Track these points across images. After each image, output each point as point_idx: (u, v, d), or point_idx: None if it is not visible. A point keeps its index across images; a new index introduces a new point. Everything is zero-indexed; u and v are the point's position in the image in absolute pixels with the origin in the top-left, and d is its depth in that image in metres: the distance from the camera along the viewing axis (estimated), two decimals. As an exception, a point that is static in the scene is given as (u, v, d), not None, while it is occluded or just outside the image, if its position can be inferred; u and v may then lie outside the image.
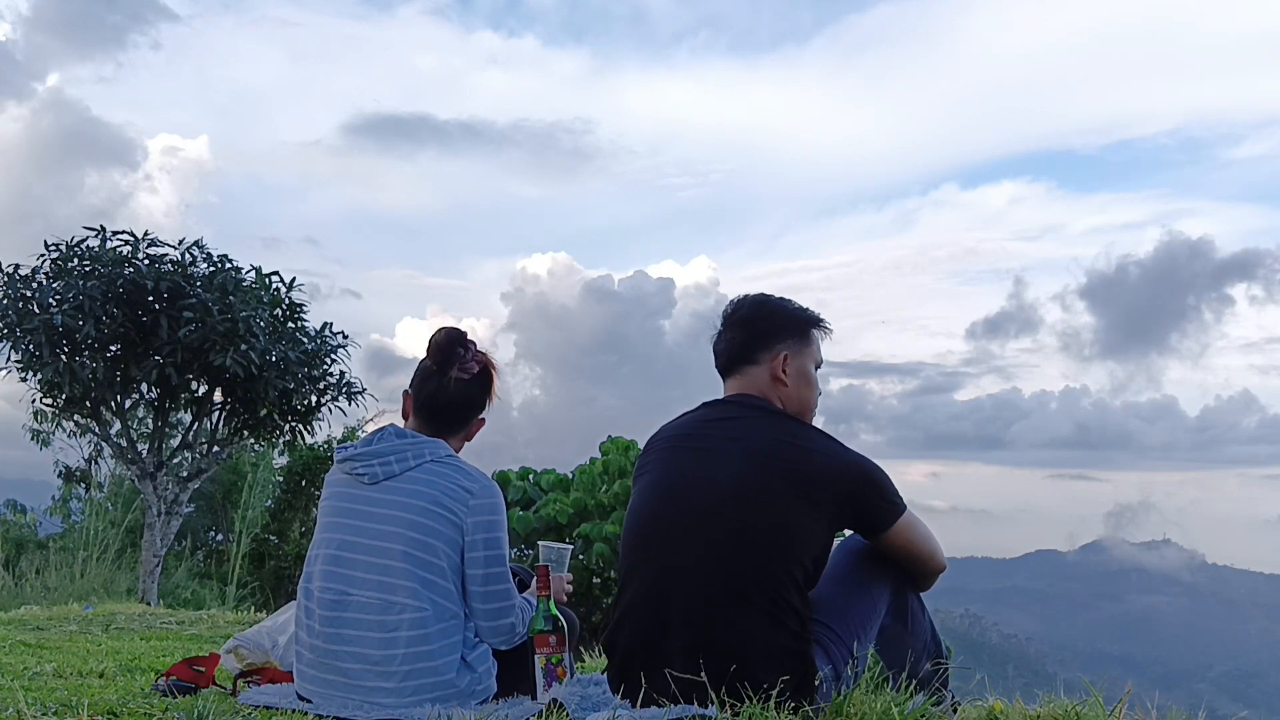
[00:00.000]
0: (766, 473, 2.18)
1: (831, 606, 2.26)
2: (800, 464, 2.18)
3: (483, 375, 2.54)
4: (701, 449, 2.27)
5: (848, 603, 2.27)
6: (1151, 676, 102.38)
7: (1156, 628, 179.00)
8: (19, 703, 2.25)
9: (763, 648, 2.07)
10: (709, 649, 2.06)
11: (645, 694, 2.05)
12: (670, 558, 2.19)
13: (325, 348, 9.12)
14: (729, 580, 2.12)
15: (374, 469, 2.42)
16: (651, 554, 2.23)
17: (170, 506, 9.27)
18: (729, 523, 2.15)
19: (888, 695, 2.02)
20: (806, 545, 2.17)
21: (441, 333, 2.53)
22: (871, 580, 2.31)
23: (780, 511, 2.15)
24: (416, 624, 2.30)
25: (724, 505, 2.17)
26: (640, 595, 2.24)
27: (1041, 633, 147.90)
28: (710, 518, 2.17)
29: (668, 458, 2.33)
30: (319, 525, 2.51)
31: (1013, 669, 59.92)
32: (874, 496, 2.23)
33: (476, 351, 2.53)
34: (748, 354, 2.37)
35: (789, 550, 2.14)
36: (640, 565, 2.26)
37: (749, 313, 2.40)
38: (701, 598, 2.13)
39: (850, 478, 2.21)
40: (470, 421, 2.57)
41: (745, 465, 2.19)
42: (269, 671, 2.79)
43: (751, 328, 2.39)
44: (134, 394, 9.18)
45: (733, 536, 2.14)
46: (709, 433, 2.30)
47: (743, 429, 2.26)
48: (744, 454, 2.21)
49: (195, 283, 8.39)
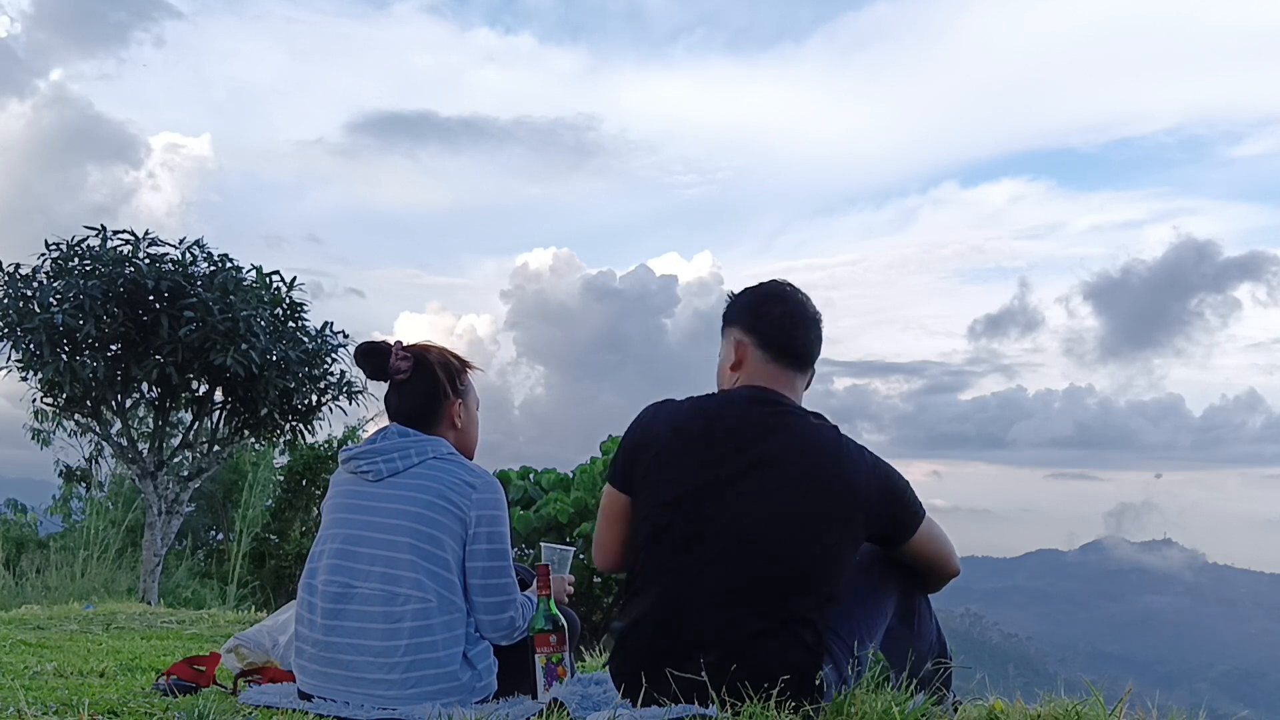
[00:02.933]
0: (808, 497, 2.11)
1: (839, 610, 2.22)
2: (841, 487, 2.12)
3: (419, 368, 2.54)
4: (733, 456, 2.15)
5: (855, 606, 2.24)
6: (1152, 676, 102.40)
7: (1157, 627, 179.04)
8: (20, 702, 2.25)
9: (781, 664, 2.04)
10: (726, 666, 2.02)
11: (646, 694, 2.05)
12: (696, 572, 2.12)
13: (326, 347, 9.13)
14: (758, 604, 2.08)
15: (378, 466, 2.43)
16: (677, 562, 2.15)
17: (171, 506, 9.27)
18: (766, 548, 2.09)
19: (888, 695, 2.02)
20: (839, 565, 2.14)
21: (356, 350, 2.58)
22: (881, 585, 2.29)
23: (819, 537, 2.10)
24: (420, 615, 2.31)
25: (761, 529, 2.10)
26: (661, 603, 2.16)
27: (1042, 632, 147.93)
28: (746, 541, 2.10)
29: (686, 458, 2.18)
30: (324, 523, 2.52)
31: (1013, 668, 59.94)
32: (901, 510, 2.21)
33: (402, 351, 2.54)
34: (813, 356, 2.33)
35: (827, 574, 2.12)
36: (663, 571, 2.17)
37: (817, 313, 2.35)
38: (726, 619, 2.08)
39: (883, 494, 2.17)
40: (440, 411, 2.55)
41: (786, 486, 2.11)
42: (269, 671, 2.79)
43: (820, 328, 2.34)
44: (134, 393, 9.19)
45: (770, 563, 2.09)
46: (746, 435, 2.17)
47: (780, 445, 2.15)
48: (785, 473, 2.13)
49: (196, 282, 8.40)
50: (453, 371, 2.58)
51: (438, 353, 2.59)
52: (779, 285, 2.36)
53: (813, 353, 2.33)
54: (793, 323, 2.31)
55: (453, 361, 2.60)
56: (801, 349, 2.31)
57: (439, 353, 2.59)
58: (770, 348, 2.29)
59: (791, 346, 2.29)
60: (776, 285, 2.36)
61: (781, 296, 2.34)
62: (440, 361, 2.57)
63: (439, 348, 2.61)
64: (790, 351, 2.29)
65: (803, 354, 2.31)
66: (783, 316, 2.31)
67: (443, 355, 2.59)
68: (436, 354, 2.58)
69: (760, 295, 2.35)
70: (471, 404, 2.63)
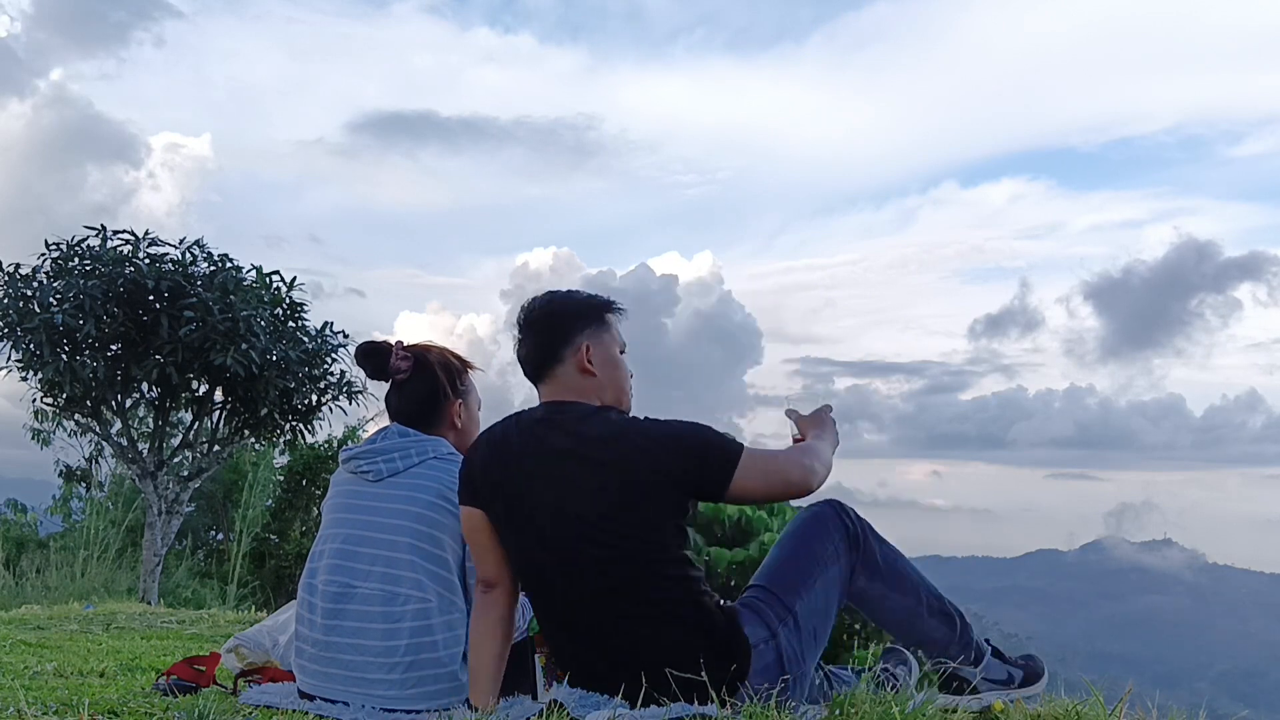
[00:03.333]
0: (595, 476, 2.10)
1: (767, 569, 2.25)
2: (621, 457, 2.10)
3: (419, 368, 2.53)
4: (533, 470, 2.16)
5: (783, 560, 2.25)
6: (1152, 676, 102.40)
7: (1157, 627, 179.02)
8: (20, 702, 2.25)
9: (664, 645, 2.05)
10: (625, 661, 2.05)
11: (646, 694, 2.05)
12: (556, 582, 2.15)
13: (326, 347, 9.13)
14: (601, 597, 2.09)
15: (378, 466, 2.43)
16: (543, 583, 2.19)
17: (171, 506, 9.28)
18: (580, 540, 2.10)
19: (889, 696, 2.02)
20: (658, 532, 2.10)
21: (357, 350, 2.57)
22: (813, 536, 2.26)
23: (616, 513, 2.08)
24: (420, 614, 2.31)
25: (570, 525, 2.11)
26: (550, 623, 2.22)
27: (1042, 632, 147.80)
28: (564, 542, 2.12)
29: (519, 483, 2.20)
30: (324, 522, 2.52)
31: (1013, 668, 59.80)
32: (707, 454, 2.11)
33: (402, 351, 2.53)
34: (550, 354, 2.25)
35: (646, 545, 2.09)
36: (539, 595, 2.22)
37: (541, 313, 2.29)
38: (594, 616, 2.11)
39: (675, 448, 2.11)
40: (441, 412, 2.54)
41: (573, 476, 2.11)
42: (269, 671, 2.79)
43: (548, 326, 2.27)
44: (134, 393, 9.19)
45: (585, 554, 2.09)
46: (534, 447, 2.18)
47: (560, 438, 2.16)
48: (571, 466, 2.12)
49: (196, 282, 8.40)
50: (453, 372, 2.58)
51: (438, 353, 2.58)
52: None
53: (535, 355, 2.27)
54: (518, 342, 2.31)
55: (453, 362, 2.59)
56: (521, 362, 2.31)
57: (439, 353, 2.58)
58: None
59: (522, 367, 2.31)
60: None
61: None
62: (441, 362, 2.56)
63: (439, 348, 2.60)
64: (523, 370, 2.31)
65: (532, 362, 2.28)
66: (516, 346, 2.32)
67: (443, 355, 2.58)
68: (437, 354, 2.57)
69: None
70: (473, 404, 2.62)
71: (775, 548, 2.32)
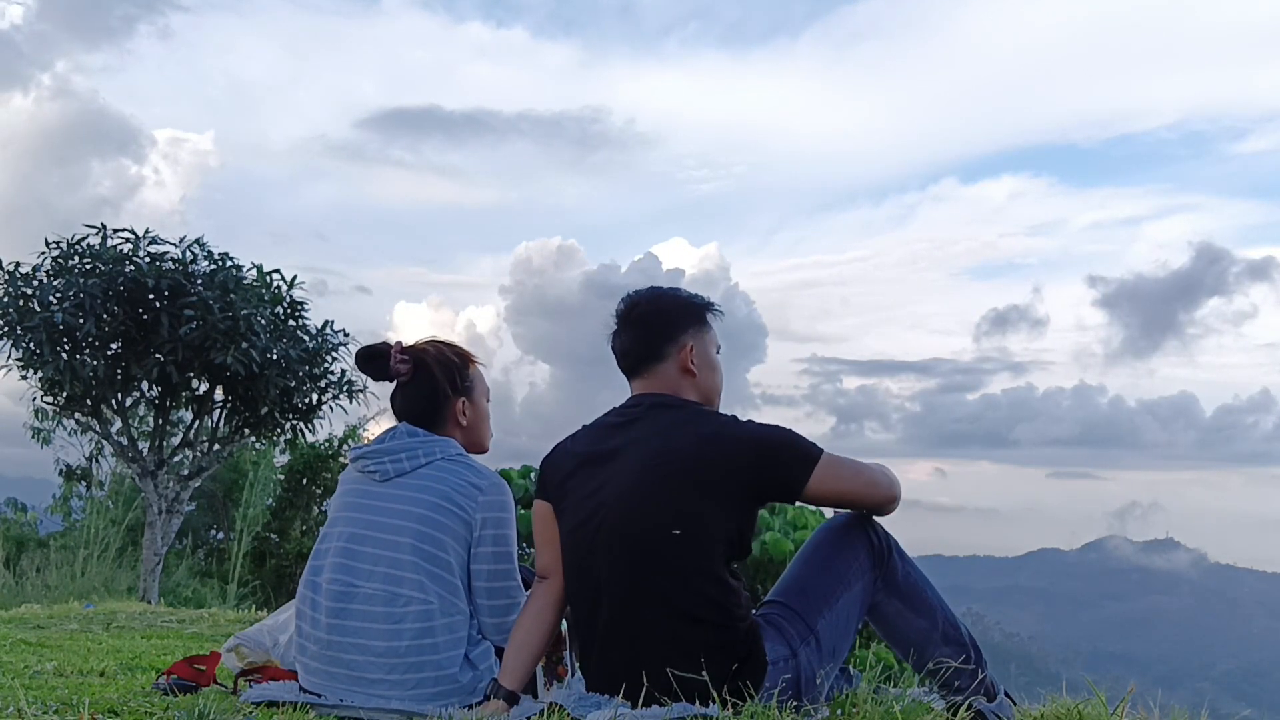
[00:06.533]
0: (662, 471, 2.11)
1: (791, 585, 2.23)
2: (697, 452, 2.11)
3: (418, 369, 2.52)
4: (604, 461, 2.20)
5: (807, 577, 2.23)
6: (1154, 675, 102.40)
7: (1160, 626, 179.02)
8: (20, 701, 2.24)
9: (688, 648, 2.04)
10: (639, 661, 2.05)
11: (647, 694, 2.04)
12: (596, 577, 2.16)
13: (326, 346, 9.13)
14: (640, 591, 2.09)
15: (385, 466, 2.42)
16: (584, 576, 2.20)
17: (171, 505, 9.28)
18: (630, 533, 2.11)
19: (889, 697, 2.01)
20: (718, 533, 2.10)
21: (357, 355, 2.56)
22: (837, 552, 2.24)
23: (679, 508, 2.09)
24: (422, 616, 2.30)
25: (625, 517, 2.12)
26: (582, 616, 2.23)
27: (1044, 632, 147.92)
28: (613, 532, 2.13)
29: (581, 481, 2.24)
30: (329, 521, 2.51)
31: (1015, 668, 59.96)
32: (783, 455, 2.12)
33: (400, 354, 2.51)
34: (654, 351, 2.28)
35: (698, 544, 2.09)
36: (577, 588, 2.23)
37: (647, 309, 2.32)
38: (622, 612, 2.11)
39: (752, 448, 2.12)
40: (444, 411, 2.52)
41: (640, 469, 2.13)
42: (270, 670, 2.78)
43: (653, 323, 2.30)
44: (135, 392, 9.19)
45: (634, 547, 2.10)
46: (612, 443, 2.22)
47: (640, 432, 2.19)
48: (640, 457, 2.15)
49: (196, 280, 8.40)
50: (453, 370, 2.53)
51: (436, 352, 2.54)
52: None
53: (638, 350, 2.30)
54: (613, 337, 2.35)
55: (453, 359, 2.55)
56: (620, 356, 2.34)
57: (438, 352, 2.54)
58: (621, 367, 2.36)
59: (618, 360, 2.35)
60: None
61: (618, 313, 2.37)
62: (439, 361, 2.52)
63: (438, 346, 2.56)
64: (619, 364, 2.34)
65: (633, 357, 2.31)
66: (611, 338, 2.37)
67: (442, 354, 2.54)
68: (435, 353, 2.53)
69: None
70: (478, 398, 2.58)
71: (799, 560, 2.29)
